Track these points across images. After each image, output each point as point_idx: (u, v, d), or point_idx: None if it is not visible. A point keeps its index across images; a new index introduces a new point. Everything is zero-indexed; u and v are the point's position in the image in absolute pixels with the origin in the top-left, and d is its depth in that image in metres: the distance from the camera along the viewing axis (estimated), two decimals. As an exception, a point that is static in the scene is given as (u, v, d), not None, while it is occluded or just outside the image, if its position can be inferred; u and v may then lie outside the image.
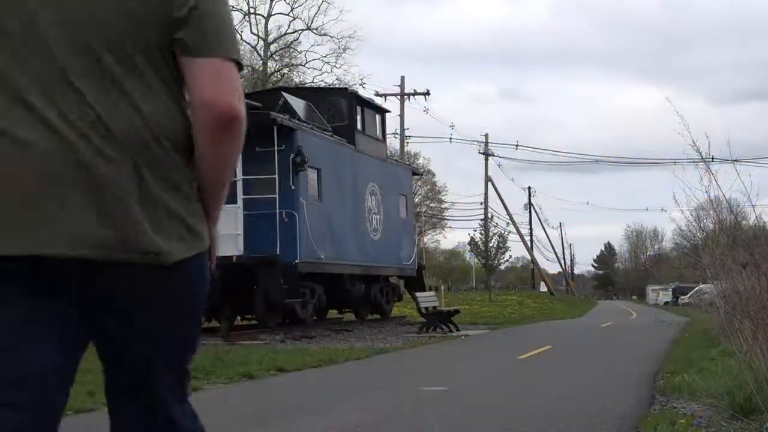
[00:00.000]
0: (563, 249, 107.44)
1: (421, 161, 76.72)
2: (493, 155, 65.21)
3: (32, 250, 2.03)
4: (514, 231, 75.75)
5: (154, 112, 2.11)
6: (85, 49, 2.09)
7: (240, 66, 2.22)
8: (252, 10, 62.06)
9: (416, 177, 45.47)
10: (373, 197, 23.92)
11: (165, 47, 2.14)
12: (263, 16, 61.88)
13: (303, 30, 61.14)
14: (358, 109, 23.69)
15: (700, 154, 8.28)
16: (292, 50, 63.77)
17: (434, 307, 22.64)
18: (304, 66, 62.89)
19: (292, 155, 19.13)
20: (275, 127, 18.63)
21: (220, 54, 2.15)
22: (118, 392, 2.32)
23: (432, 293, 25.26)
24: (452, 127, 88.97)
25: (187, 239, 2.14)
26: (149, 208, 2.08)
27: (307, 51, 79.56)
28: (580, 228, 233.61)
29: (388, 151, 30.14)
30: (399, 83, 50.53)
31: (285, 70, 63.23)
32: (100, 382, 7.96)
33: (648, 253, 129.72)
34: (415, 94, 50.61)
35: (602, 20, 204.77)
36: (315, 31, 61.06)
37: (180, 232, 2.13)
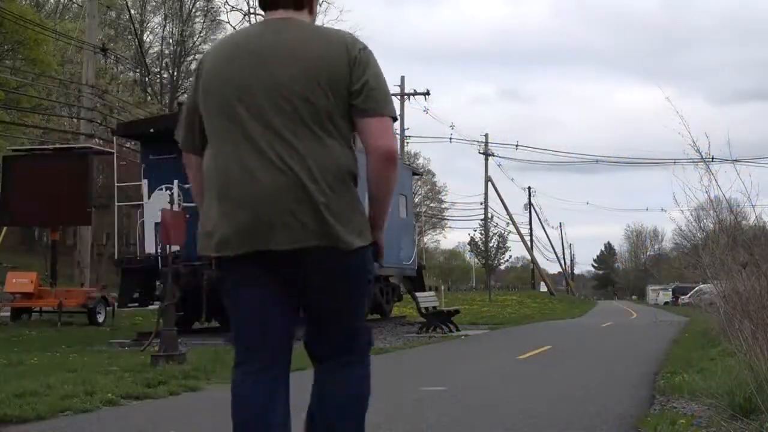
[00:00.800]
0: (563, 249, 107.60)
1: (421, 161, 76.86)
2: (493, 155, 65.27)
3: (285, 243, 3.18)
4: (514, 231, 75.76)
5: (336, 154, 3.18)
6: (292, 114, 3.14)
7: (395, 119, 3.27)
8: (252, 10, 62.18)
9: (416, 177, 45.46)
10: (373, 197, 23.92)
11: (345, 111, 3.18)
12: (263, 17, 61.97)
13: (303, 30, 61.30)
14: (358, 109, 23.68)
15: (700, 154, 8.28)
16: (292, 50, 63.87)
17: (434, 307, 22.63)
18: (304, 66, 63.02)
19: (292, 155, 19.11)
20: (275, 127, 18.62)
21: (383, 113, 3.20)
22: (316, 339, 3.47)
23: (432, 293, 25.25)
24: (452, 127, 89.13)
25: (350, 225, 3.21)
26: (341, 205, 3.22)
27: (307, 51, 80.00)
28: (580, 228, 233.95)
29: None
30: (399, 83, 50.57)
31: (285, 70, 63.31)
32: (99, 383, 7.92)
33: (648, 253, 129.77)
34: (415, 94, 50.65)
35: (602, 20, 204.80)
36: (315, 31, 61.21)
37: (345, 221, 3.21)
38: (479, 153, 65.02)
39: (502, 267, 78.70)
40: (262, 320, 3.25)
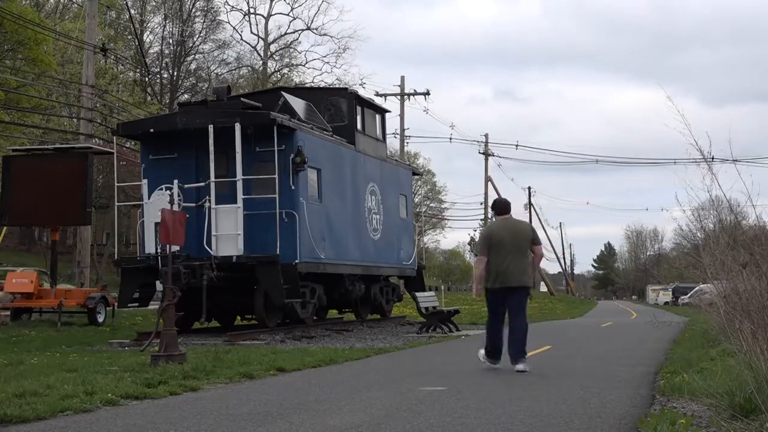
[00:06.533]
0: (563, 249, 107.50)
1: (421, 161, 76.86)
2: (493, 155, 65.24)
3: (515, 284, 11.41)
4: (514, 231, 75.46)
5: (528, 261, 11.48)
6: (519, 250, 11.38)
7: (541, 244, 12.38)
8: (252, 10, 62.14)
9: (416, 177, 45.44)
10: (373, 197, 23.91)
11: (529, 244, 11.51)
12: (263, 16, 61.90)
13: (303, 30, 61.34)
14: (358, 109, 23.66)
15: (702, 153, 8.29)
16: (292, 50, 63.91)
17: (434, 307, 22.62)
18: (304, 66, 63.04)
19: (292, 155, 19.11)
20: (275, 127, 18.62)
21: (540, 244, 11.84)
22: (513, 312, 11.44)
23: (432, 293, 25.22)
24: (452, 127, 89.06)
25: (531, 281, 11.78)
26: (528, 274, 11.51)
27: (307, 51, 79.98)
28: (580, 228, 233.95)
29: (388, 151, 30.11)
30: (399, 83, 50.55)
31: (285, 70, 63.30)
32: (99, 383, 7.90)
33: (648, 253, 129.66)
34: (415, 94, 50.63)
35: (593, 21, 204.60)
36: (315, 31, 61.24)
37: (531, 279, 11.79)
38: (479, 153, 64.98)
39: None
40: (499, 306, 11.44)
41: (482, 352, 11.75)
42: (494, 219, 12.05)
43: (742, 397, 6.52)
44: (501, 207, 11.89)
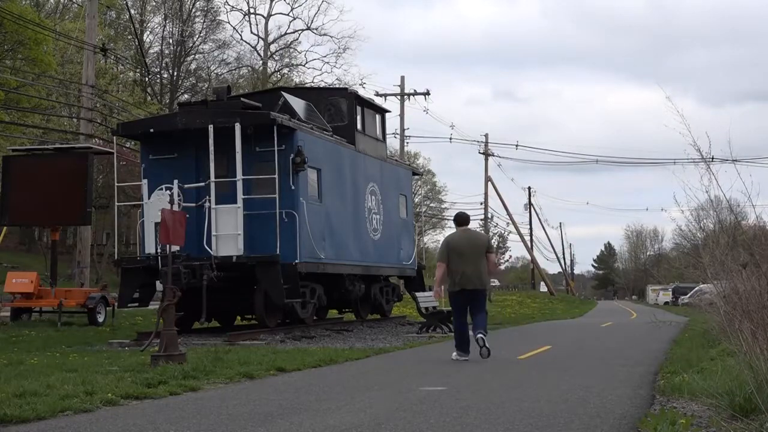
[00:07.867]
0: (563, 249, 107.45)
1: (421, 161, 76.86)
2: (493, 155, 65.21)
3: (473, 287, 13.17)
4: (514, 231, 75.88)
5: (484, 267, 13.13)
6: (476, 255, 13.07)
7: (494, 253, 14.83)
8: (252, 10, 62.15)
9: (416, 177, 45.42)
10: (373, 197, 23.90)
11: (485, 252, 13.21)
12: (263, 16, 61.95)
13: (303, 30, 61.36)
14: (358, 109, 23.66)
15: (701, 153, 8.30)
16: (292, 50, 63.93)
17: (434, 307, 22.62)
18: (304, 66, 63.06)
19: (292, 155, 19.11)
20: (275, 127, 18.62)
21: (493, 252, 13.80)
22: (474, 310, 13.24)
23: (432, 293, 25.18)
24: (452, 126, 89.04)
25: (487, 283, 13.43)
26: (484, 278, 13.15)
27: (307, 51, 79.99)
28: (580, 228, 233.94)
29: (388, 151, 30.09)
30: (399, 83, 50.52)
31: (285, 70, 63.31)
32: (99, 383, 7.89)
33: (648, 253, 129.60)
34: (415, 94, 50.55)
35: (590, 21, 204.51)
36: (315, 31, 61.27)
37: (487, 282, 13.42)
38: (479, 153, 64.93)
39: (502, 267, 78.60)
40: (462, 306, 13.19)
41: (455, 353, 13.11)
42: (455, 230, 13.57)
43: (742, 397, 6.53)
44: (461, 220, 13.62)
